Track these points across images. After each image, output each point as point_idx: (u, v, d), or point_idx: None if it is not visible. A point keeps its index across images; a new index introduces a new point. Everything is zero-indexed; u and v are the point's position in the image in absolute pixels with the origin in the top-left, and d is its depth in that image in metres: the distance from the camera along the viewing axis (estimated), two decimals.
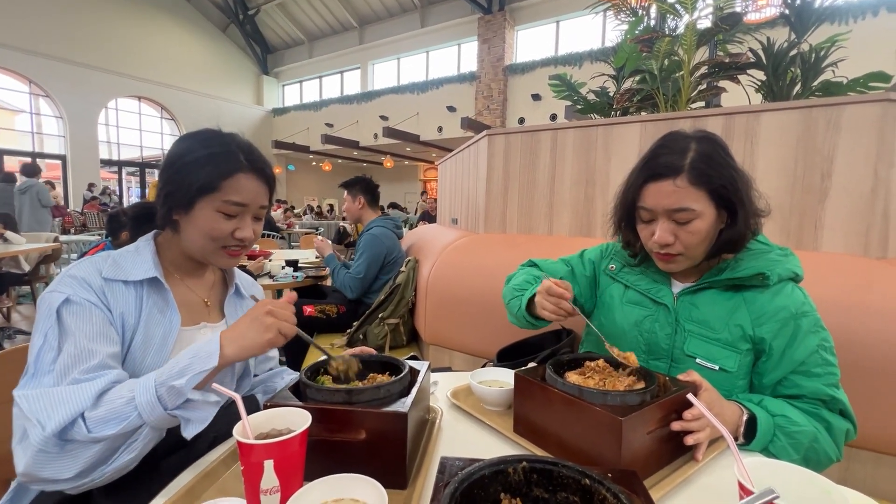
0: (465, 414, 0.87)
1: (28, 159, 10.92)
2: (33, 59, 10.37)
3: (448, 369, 1.45)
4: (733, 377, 0.84)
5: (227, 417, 0.71)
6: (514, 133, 1.94)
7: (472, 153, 2.27)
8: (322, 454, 0.61)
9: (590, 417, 0.64)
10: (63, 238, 4.80)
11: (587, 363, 0.80)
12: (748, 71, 2.28)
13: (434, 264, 1.92)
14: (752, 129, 1.44)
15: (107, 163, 12.37)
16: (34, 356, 0.63)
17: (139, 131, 13.10)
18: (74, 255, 5.20)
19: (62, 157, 11.36)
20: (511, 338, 1.43)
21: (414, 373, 0.75)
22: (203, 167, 0.75)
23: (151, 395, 0.60)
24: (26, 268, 3.94)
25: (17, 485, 0.71)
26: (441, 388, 0.98)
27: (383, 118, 12.80)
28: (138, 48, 12.46)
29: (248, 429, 0.51)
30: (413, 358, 1.05)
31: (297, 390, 0.68)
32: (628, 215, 0.92)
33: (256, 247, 3.84)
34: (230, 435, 0.74)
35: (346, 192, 2.38)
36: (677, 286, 0.93)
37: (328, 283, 2.89)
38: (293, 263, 2.59)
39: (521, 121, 10.59)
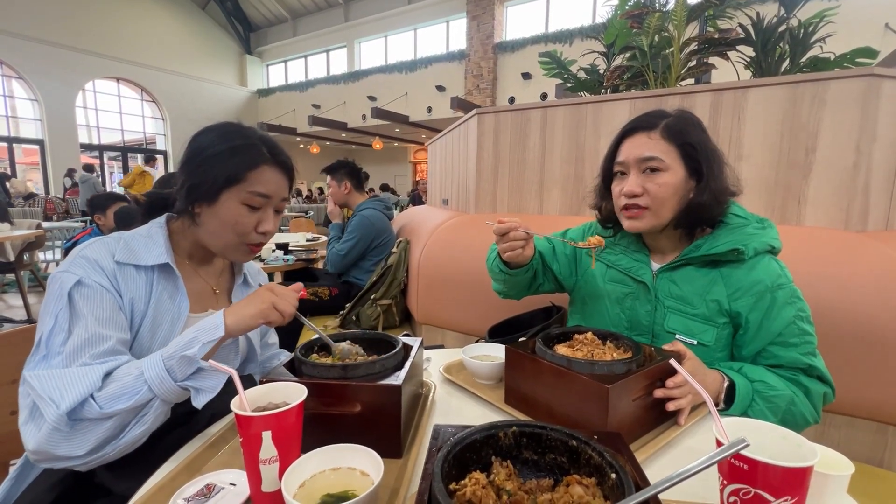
0: (458, 388, 0.89)
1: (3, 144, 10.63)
2: (3, 39, 9.95)
3: (440, 347, 1.48)
4: (711, 350, 0.87)
5: (224, 395, 0.73)
6: (504, 112, 1.93)
7: (461, 133, 2.25)
8: (319, 427, 0.63)
9: (578, 386, 0.66)
10: (46, 225, 4.70)
11: (576, 336, 0.82)
12: (738, 47, 2.27)
13: (425, 245, 1.92)
14: (740, 105, 1.45)
15: (87, 147, 12.04)
16: (45, 337, 0.63)
17: (119, 114, 12.73)
18: (59, 243, 5.10)
19: (40, 142, 11.02)
20: (502, 315, 1.46)
21: (407, 348, 0.77)
22: (228, 159, 0.75)
23: (160, 368, 0.60)
24: (11, 256, 3.87)
25: (22, 465, 0.72)
26: (434, 364, 1.00)
27: (371, 98, 12.58)
28: (114, 27, 12.01)
29: (245, 402, 0.52)
30: (406, 336, 1.07)
31: (293, 367, 0.70)
32: (605, 180, 0.95)
33: None
34: (228, 411, 0.76)
35: (329, 178, 2.36)
36: (656, 264, 0.96)
37: (319, 265, 2.89)
38: (283, 247, 2.58)
39: (512, 100, 10.48)
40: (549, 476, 0.46)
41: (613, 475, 0.39)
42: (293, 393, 0.57)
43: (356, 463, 0.55)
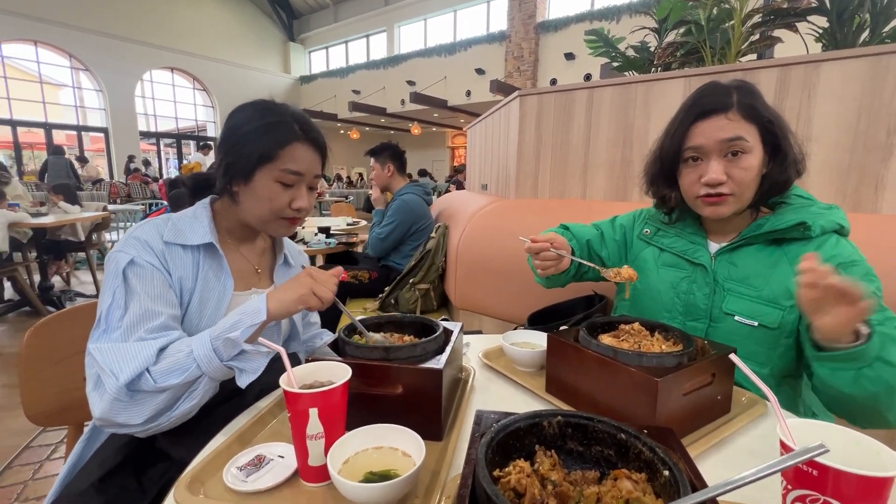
0: (497, 374, 0.88)
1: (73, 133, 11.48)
2: (72, 33, 10.66)
3: (479, 332, 1.47)
4: (776, 334, 0.81)
5: (271, 372, 0.76)
6: (548, 93, 1.87)
7: (502, 116, 2.21)
8: (361, 406, 0.64)
9: (625, 378, 0.64)
10: (111, 207, 5.05)
11: (621, 326, 0.79)
12: (808, 18, 2.07)
13: (464, 230, 1.91)
14: (811, 82, 1.32)
15: (145, 135, 12.79)
16: (104, 313, 0.68)
17: (174, 103, 13.41)
18: (122, 224, 5.48)
19: (104, 130, 11.81)
20: (541, 303, 1.43)
21: (447, 333, 0.77)
22: (261, 137, 0.77)
23: (208, 348, 0.64)
24: (82, 236, 4.20)
25: (93, 427, 0.78)
26: (473, 349, 1.00)
27: (410, 83, 12.54)
28: (169, 18, 12.58)
29: (293, 379, 0.54)
30: (445, 321, 1.07)
31: (337, 348, 0.71)
32: (668, 166, 0.89)
33: None
34: (275, 387, 0.79)
35: (373, 160, 2.37)
36: (714, 246, 0.91)
37: (359, 249, 2.95)
38: (325, 230, 2.65)
39: (553, 82, 10.14)
40: (594, 468, 0.45)
41: (666, 472, 0.37)
42: (338, 372, 0.59)
43: (398, 443, 0.56)
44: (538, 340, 0.95)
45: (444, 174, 14.65)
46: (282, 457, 0.58)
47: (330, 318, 2.23)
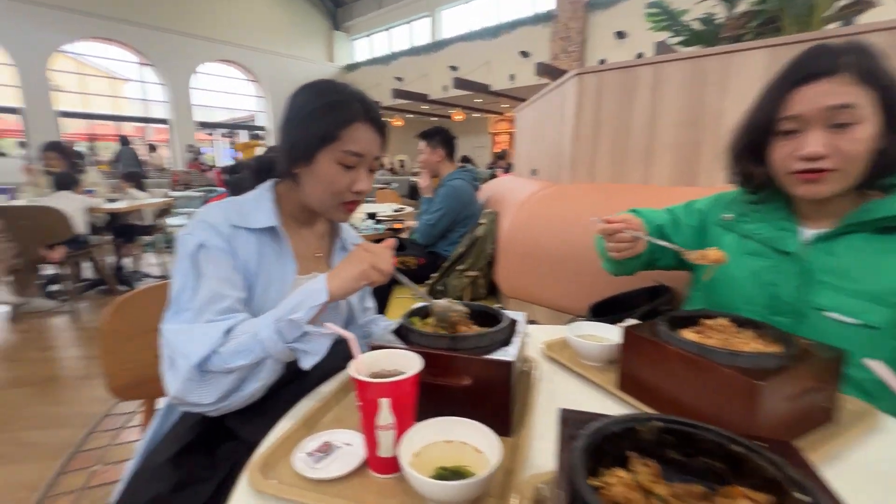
0: (561, 367, 0.84)
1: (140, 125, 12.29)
2: (138, 30, 11.34)
3: (533, 322, 1.42)
4: (880, 334, 0.71)
5: (332, 356, 0.75)
6: (609, 71, 1.75)
7: (557, 96, 2.10)
8: (424, 396, 0.62)
9: (717, 380, 0.57)
10: (173, 194, 5.38)
11: (704, 321, 0.72)
12: None
13: (515, 216, 1.85)
14: None
15: (201, 125, 13.49)
16: (176, 294, 0.69)
17: (227, 94, 14.02)
18: (183, 210, 5.83)
19: (166, 122, 12.56)
20: (597, 293, 1.36)
21: (513, 323, 0.73)
22: (323, 117, 0.76)
23: (271, 330, 0.64)
24: (148, 221, 4.50)
25: (167, 405, 0.82)
26: (532, 340, 0.95)
27: (453, 68, 12.39)
28: (222, 11, 13.08)
29: (361, 367, 0.52)
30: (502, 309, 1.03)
31: (399, 334, 0.69)
32: (758, 139, 0.80)
33: None
34: (336, 371, 0.79)
35: (424, 143, 2.34)
36: (807, 232, 0.81)
37: (405, 235, 2.95)
38: (373, 216, 2.67)
39: (602, 63, 9.65)
40: (698, 482, 0.40)
41: (807, 497, 0.32)
42: (405, 361, 0.56)
43: (469, 438, 0.53)
44: (604, 333, 0.90)
45: (486, 161, 14.45)
46: (349, 444, 0.57)
47: (377, 303, 2.25)
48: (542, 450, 0.58)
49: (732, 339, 0.66)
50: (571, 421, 0.44)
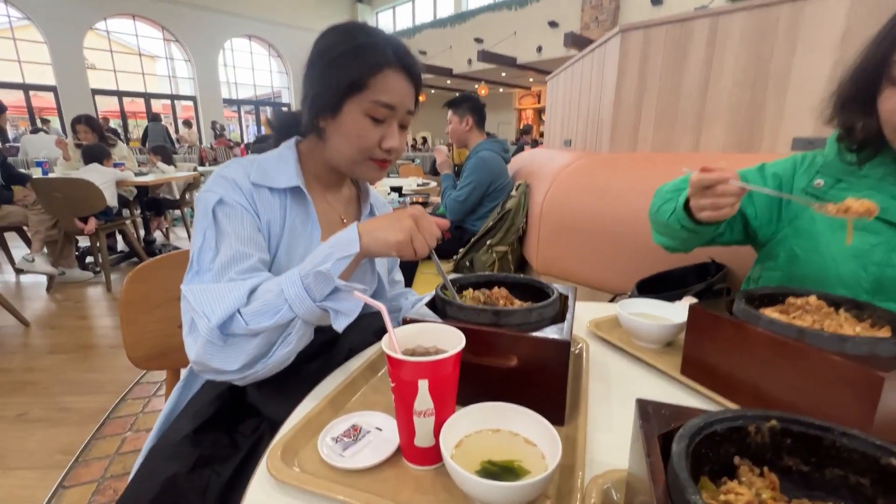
0: (611, 347, 0.75)
1: (167, 102, 12.45)
2: (162, 5, 11.34)
3: None
4: None
5: (359, 329, 0.69)
6: (657, 26, 1.58)
7: (596, 59, 1.94)
8: (464, 378, 0.54)
9: (820, 370, 0.48)
10: (201, 169, 5.42)
11: (790, 299, 0.62)
12: None
13: (549, 188, 1.74)
14: None
15: (228, 102, 13.56)
16: (195, 254, 0.64)
17: (252, 70, 14.00)
18: None
19: (193, 98, 12.68)
20: (637, 269, 1.25)
21: (563, 298, 0.64)
22: (350, 62, 0.67)
23: (299, 287, 0.57)
24: (177, 195, 4.56)
25: (188, 374, 0.77)
26: (576, 316, 0.86)
27: (478, 41, 11.97)
28: None
29: (395, 343, 0.45)
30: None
31: (435, 307, 0.62)
32: (867, 84, 0.66)
33: None
34: (365, 346, 0.73)
35: (451, 112, 2.23)
36: None
37: (429, 210, 2.87)
38: (398, 190, 2.59)
39: None
40: (828, 499, 0.31)
41: None
42: (446, 337, 0.49)
43: (519, 427, 0.46)
44: (658, 311, 0.80)
45: (510, 138, 14.08)
46: (380, 429, 0.50)
47: (408, 273, 2.19)
48: (600, 443, 0.51)
49: (826, 321, 0.56)
50: (655, 414, 0.36)
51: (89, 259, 3.68)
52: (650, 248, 1.01)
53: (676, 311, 0.77)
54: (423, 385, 0.42)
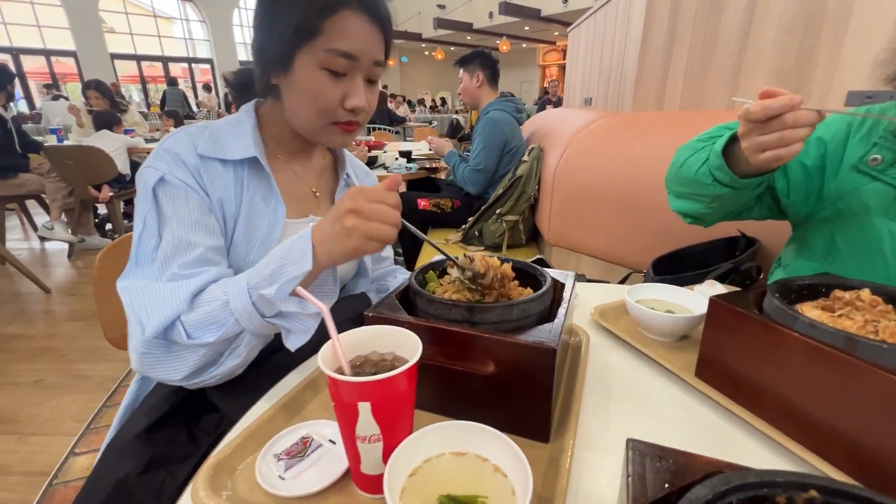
0: (616, 340, 0.66)
1: (185, 65, 12.33)
2: None
3: (582, 277, 1.23)
4: None
5: (336, 313, 0.61)
6: None
7: (621, 7, 1.73)
8: (434, 383, 0.47)
9: (877, 390, 0.38)
10: None
11: (836, 292, 0.51)
12: None
13: (564, 152, 1.60)
14: None
15: (244, 64, 13.33)
16: (135, 242, 0.56)
17: None
18: None
19: (210, 62, 12.51)
20: (659, 243, 1.14)
21: (558, 288, 0.55)
22: (298, 3, 0.56)
23: (246, 301, 0.50)
24: None
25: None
26: (579, 303, 0.77)
27: None
28: None
29: (340, 353, 0.37)
30: (540, 262, 0.84)
31: (407, 298, 0.53)
32: None
33: (371, 137, 3.82)
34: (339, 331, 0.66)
35: (462, 71, 2.07)
36: None
37: (441, 176, 2.75)
38: (406, 154, 2.47)
39: None
40: None
41: None
42: (404, 342, 0.41)
43: (487, 451, 0.38)
44: (671, 298, 0.70)
45: (533, 97, 13.44)
46: (333, 442, 0.44)
47: (408, 250, 2.11)
48: (591, 465, 0.43)
49: (886, 323, 0.45)
50: (651, 465, 0.27)
51: (109, 226, 3.75)
52: (673, 220, 0.90)
53: (694, 300, 0.67)
54: (365, 408, 0.34)
